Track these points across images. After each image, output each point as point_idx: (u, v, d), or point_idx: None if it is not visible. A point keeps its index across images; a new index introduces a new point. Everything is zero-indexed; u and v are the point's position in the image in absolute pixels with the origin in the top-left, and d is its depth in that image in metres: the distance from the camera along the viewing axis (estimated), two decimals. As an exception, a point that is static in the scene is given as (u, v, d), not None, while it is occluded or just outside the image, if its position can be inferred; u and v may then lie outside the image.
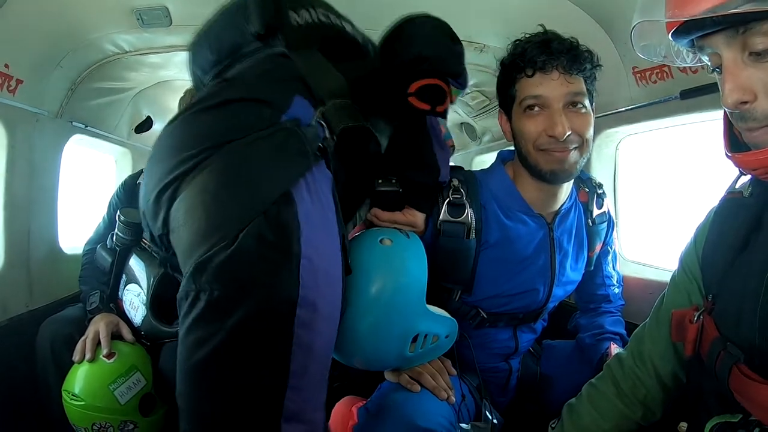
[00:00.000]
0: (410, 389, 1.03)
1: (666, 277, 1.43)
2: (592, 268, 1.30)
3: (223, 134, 0.76)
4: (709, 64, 0.67)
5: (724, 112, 0.67)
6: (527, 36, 1.08)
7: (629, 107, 1.50)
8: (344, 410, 1.06)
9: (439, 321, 0.98)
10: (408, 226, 1.07)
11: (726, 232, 0.79)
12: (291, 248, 0.72)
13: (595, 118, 1.45)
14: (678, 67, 1.28)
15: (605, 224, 1.29)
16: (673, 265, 0.93)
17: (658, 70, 1.36)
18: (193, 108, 0.81)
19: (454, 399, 1.06)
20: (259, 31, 0.86)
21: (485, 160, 3.01)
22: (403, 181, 1.04)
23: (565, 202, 1.18)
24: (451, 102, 1.06)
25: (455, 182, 1.12)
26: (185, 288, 0.72)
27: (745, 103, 0.61)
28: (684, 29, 0.63)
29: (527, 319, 1.25)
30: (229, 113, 0.79)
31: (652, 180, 1.84)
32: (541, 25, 1.10)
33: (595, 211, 1.24)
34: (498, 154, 1.26)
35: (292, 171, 0.75)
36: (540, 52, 1.02)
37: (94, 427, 1.36)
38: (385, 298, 0.90)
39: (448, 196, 1.11)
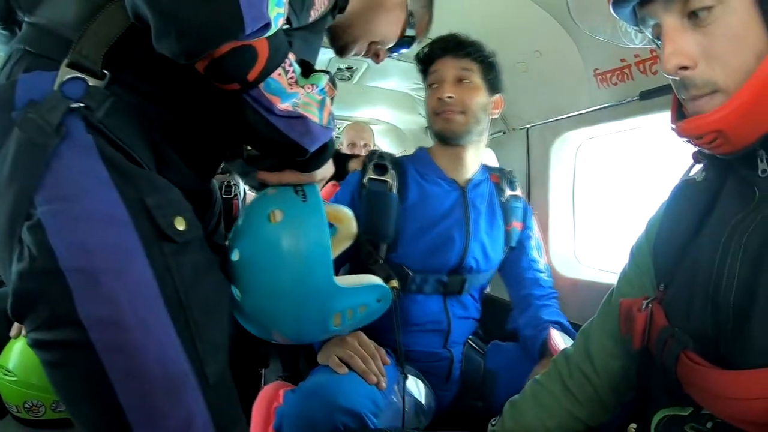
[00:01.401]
0: (337, 371, 1.03)
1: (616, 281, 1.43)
2: (515, 245, 1.41)
3: None
4: (651, 37, 0.66)
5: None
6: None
7: (589, 109, 1.50)
8: (271, 393, 1.00)
9: (361, 292, 0.85)
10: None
11: (679, 218, 0.75)
12: (49, 267, 0.58)
13: (555, 120, 1.48)
14: (638, 69, 1.28)
15: (521, 207, 1.43)
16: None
17: (618, 72, 1.35)
18: None
19: (384, 385, 1.02)
20: None
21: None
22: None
23: (476, 174, 1.37)
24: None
25: (379, 151, 1.38)
26: None
27: (685, 68, 0.59)
28: None
29: (453, 286, 1.31)
30: None
31: (612, 185, 1.84)
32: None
33: (508, 191, 1.42)
34: None
35: (26, 180, 0.59)
36: (438, 47, 1.31)
37: (26, 405, 1.35)
38: (284, 289, 0.76)
39: (374, 159, 1.32)
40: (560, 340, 1.23)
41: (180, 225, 0.66)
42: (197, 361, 0.65)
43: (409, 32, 1.06)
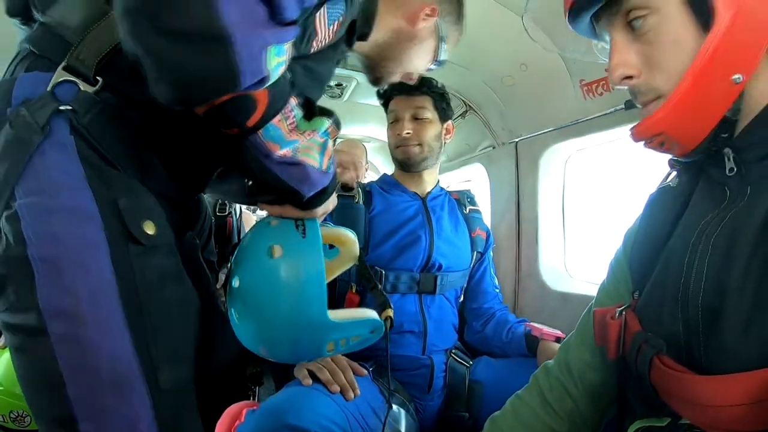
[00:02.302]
0: (303, 383, 1.06)
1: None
2: (482, 251, 1.53)
3: None
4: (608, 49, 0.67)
5: None
6: None
7: (576, 121, 1.49)
8: (235, 412, 0.97)
9: (354, 325, 0.87)
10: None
11: (654, 225, 0.74)
12: (19, 253, 0.61)
13: (543, 133, 1.48)
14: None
15: (481, 218, 1.59)
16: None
17: (603, 82, 1.34)
18: None
19: (352, 396, 1.01)
20: None
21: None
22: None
23: (434, 190, 1.53)
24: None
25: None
26: None
27: (630, 78, 0.62)
28: (574, 13, 0.65)
29: (426, 284, 1.38)
30: None
31: (602, 196, 1.83)
32: None
33: (469, 207, 1.58)
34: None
35: (9, 172, 0.63)
36: (395, 87, 1.42)
37: (12, 415, 1.36)
38: (280, 320, 0.78)
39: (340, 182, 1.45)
40: (542, 326, 1.34)
41: (149, 229, 0.68)
42: (149, 366, 0.66)
43: (442, 56, 1.06)
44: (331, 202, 0.85)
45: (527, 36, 1.43)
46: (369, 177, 2.55)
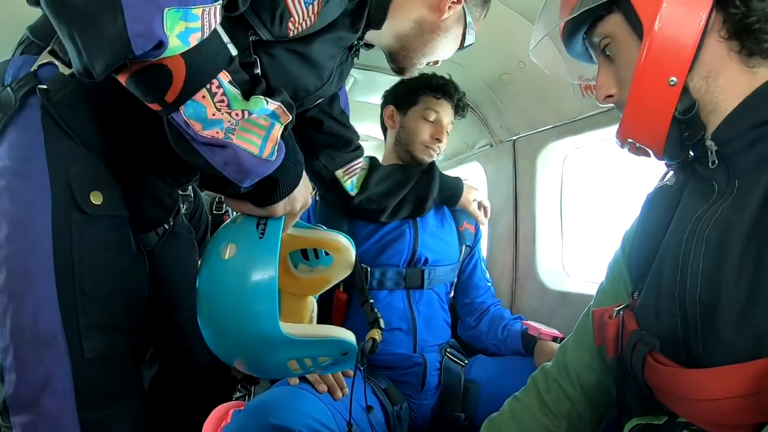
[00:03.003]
0: (290, 382, 1.03)
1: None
2: (470, 245, 1.53)
3: None
4: None
5: None
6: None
7: (574, 119, 1.48)
8: (221, 413, 0.96)
9: (317, 345, 0.76)
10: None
11: (651, 224, 0.74)
12: None
13: (541, 131, 1.47)
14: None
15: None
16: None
17: (602, 80, 1.34)
18: None
19: (341, 395, 0.99)
20: None
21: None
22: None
23: None
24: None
25: None
26: None
27: (611, 96, 0.69)
28: (568, 43, 0.74)
29: (413, 279, 1.37)
30: None
31: (601, 195, 1.82)
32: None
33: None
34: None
35: None
36: (442, 86, 1.46)
37: None
38: (231, 329, 0.71)
39: None
40: (538, 325, 1.31)
41: (96, 200, 0.72)
42: (74, 330, 0.69)
43: (469, 40, 1.01)
44: (298, 201, 0.76)
45: (525, 33, 1.42)
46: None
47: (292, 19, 0.72)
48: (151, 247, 0.96)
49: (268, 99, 0.65)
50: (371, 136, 2.92)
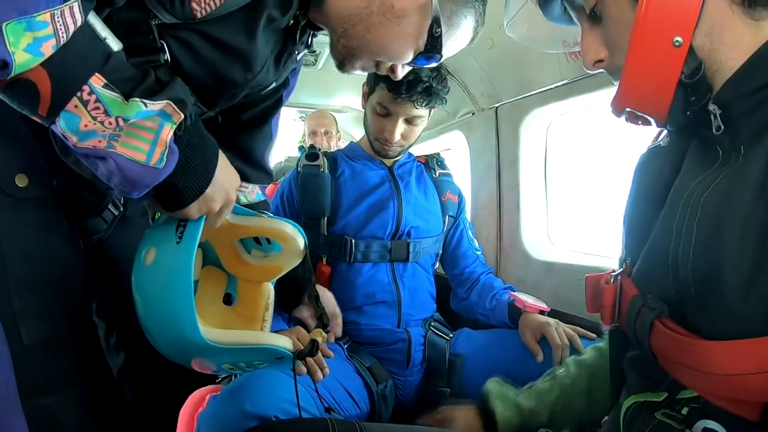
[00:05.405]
0: None
1: (595, 263, 1.37)
2: (454, 215, 1.50)
3: None
4: None
5: None
6: None
7: (558, 84, 1.43)
8: (197, 398, 0.93)
9: (245, 352, 0.74)
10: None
11: (642, 188, 0.70)
12: None
13: (524, 97, 1.42)
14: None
15: (452, 180, 1.55)
16: (603, 250, 0.86)
17: (587, 43, 1.29)
18: None
19: (320, 376, 0.95)
20: None
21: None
22: None
23: (401, 158, 1.48)
24: None
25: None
26: None
27: (601, 61, 0.65)
28: (545, 7, 0.70)
29: (398, 252, 1.35)
30: None
31: (586, 163, 1.79)
32: None
33: (438, 170, 1.54)
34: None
35: None
36: (402, 85, 1.22)
37: None
38: (160, 337, 0.70)
39: (306, 151, 1.46)
40: (525, 297, 1.31)
41: (21, 182, 0.70)
42: (10, 315, 0.67)
43: (435, 45, 0.79)
44: (215, 200, 0.68)
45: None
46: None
47: None
48: (101, 234, 0.93)
49: (148, 100, 0.58)
50: (350, 107, 2.85)
